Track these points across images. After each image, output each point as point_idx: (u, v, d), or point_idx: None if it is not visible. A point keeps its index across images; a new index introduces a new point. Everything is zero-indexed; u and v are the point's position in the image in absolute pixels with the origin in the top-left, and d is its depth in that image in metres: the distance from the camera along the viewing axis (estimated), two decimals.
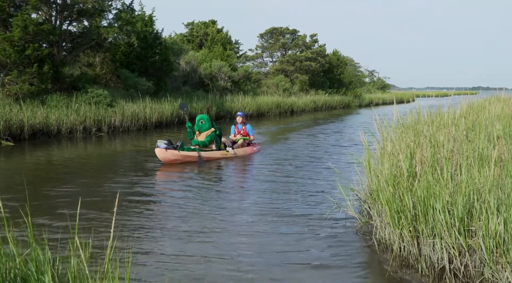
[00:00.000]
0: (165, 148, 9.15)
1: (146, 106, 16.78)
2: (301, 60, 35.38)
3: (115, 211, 2.63)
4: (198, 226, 5.29)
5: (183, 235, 4.97)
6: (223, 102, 22.44)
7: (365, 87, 54.67)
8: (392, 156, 4.91)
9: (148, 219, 5.60)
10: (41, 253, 2.70)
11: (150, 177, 8.17)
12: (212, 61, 25.20)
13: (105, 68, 18.62)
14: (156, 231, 5.13)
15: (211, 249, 4.59)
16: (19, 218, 5.01)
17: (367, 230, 5.04)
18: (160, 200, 6.63)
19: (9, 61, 13.37)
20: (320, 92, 35.58)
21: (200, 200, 6.50)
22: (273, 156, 10.78)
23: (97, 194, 6.81)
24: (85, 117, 14.23)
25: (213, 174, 8.59)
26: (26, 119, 12.56)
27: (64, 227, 4.87)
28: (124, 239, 4.67)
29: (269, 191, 7.06)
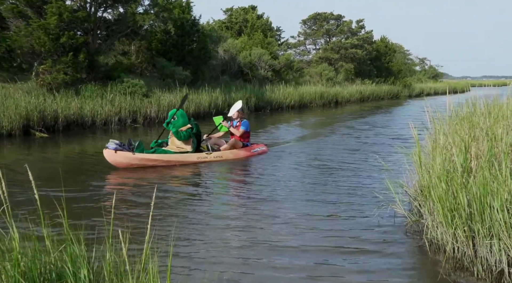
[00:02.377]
0: (114, 149, 7.87)
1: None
2: (346, 47, 34.77)
3: (152, 205, 2.60)
4: (239, 222, 5.24)
5: (223, 231, 4.91)
6: (263, 93, 22.23)
7: (415, 76, 53.63)
8: (444, 150, 4.72)
9: (187, 213, 5.57)
10: (76, 248, 2.72)
11: (188, 170, 8.09)
12: (252, 49, 25.02)
13: (141, 57, 18.70)
14: (196, 226, 5.09)
15: (251, 246, 4.51)
16: (54, 212, 4.97)
17: (417, 229, 4.88)
18: (198, 193, 6.58)
19: (44, 49, 13.55)
20: (366, 82, 34.96)
21: (240, 195, 6.40)
22: (315, 150, 10.54)
23: (133, 187, 6.84)
24: (120, 108, 14.31)
25: (255, 167, 8.37)
26: (60, 110, 12.70)
27: (100, 221, 4.89)
28: (163, 233, 4.64)
29: (310, 187, 6.93)
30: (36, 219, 4.58)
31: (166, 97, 16.06)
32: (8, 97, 12.10)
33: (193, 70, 19.10)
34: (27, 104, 11.99)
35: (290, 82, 26.18)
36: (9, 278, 2.55)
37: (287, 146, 11.00)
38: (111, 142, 8.02)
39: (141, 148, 8.13)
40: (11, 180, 6.57)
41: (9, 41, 13.37)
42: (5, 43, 13.45)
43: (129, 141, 8.24)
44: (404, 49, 60.40)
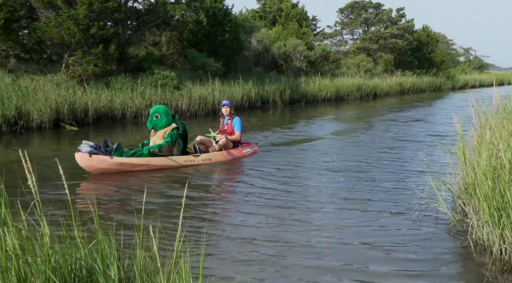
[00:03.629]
0: (88, 153, 7.07)
1: (215, 88, 16.74)
2: (385, 37, 34.18)
3: (183, 201, 2.58)
4: (273, 218, 5.22)
5: (254, 230, 4.88)
6: (298, 85, 22.06)
7: (459, 67, 52.58)
8: (491, 145, 4.60)
9: (218, 211, 5.56)
10: (107, 245, 2.74)
11: (221, 165, 8.08)
12: (286, 40, 24.84)
13: (172, 48, 18.78)
14: (227, 224, 5.10)
15: (286, 244, 4.47)
16: (84, 207, 4.98)
17: (461, 229, 4.81)
18: (228, 191, 6.57)
19: (74, 41, 13.71)
20: (407, 73, 34.36)
21: (273, 192, 6.32)
22: (352, 145, 10.42)
23: (163, 183, 6.87)
24: (151, 101, 14.38)
25: (286, 163, 8.26)
26: (90, 102, 12.86)
27: (130, 217, 4.92)
28: (194, 232, 4.64)
29: (347, 184, 6.85)
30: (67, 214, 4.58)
31: (197, 89, 16.08)
32: (38, 90, 12.30)
33: (225, 61, 19.08)
34: (57, 96, 12.18)
35: (326, 74, 25.90)
36: (40, 274, 2.57)
37: (322, 142, 10.86)
38: (85, 144, 7.23)
39: (120, 151, 7.39)
40: (41, 174, 6.65)
41: (39, 32, 13.60)
42: (35, 34, 13.68)
43: (106, 142, 7.51)
44: (447, 39, 59.43)
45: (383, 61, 33.75)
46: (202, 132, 12.21)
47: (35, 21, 14.26)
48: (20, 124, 11.27)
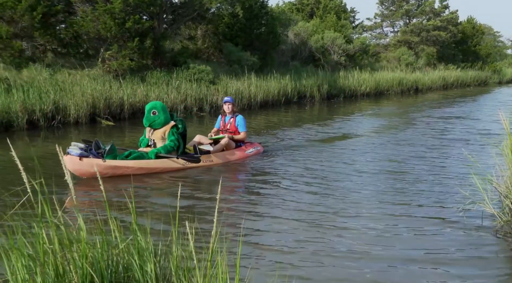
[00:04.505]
0: (79, 156, 6.53)
1: (251, 83, 16.76)
2: (428, 29, 33.48)
3: (218, 198, 2.57)
4: (309, 218, 5.15)
5: (293, 227, 4.86)
6: (335, 79, 21.87)
7: (506, 61, 51.07)
8: None
9: (254, 208, 5.54)
10: (143, 241, 2.78)
11: (255, 161, 8.05)
12: (324, 33, 24.65)
13: (207, 42, 18.86)
14: (264, 221, 5.09)
15: (324, 245, 4.42)
16: (121, 203, 5.06)
17: (509, 230, 4.66)
18: (265, 185, 6.52)
19: (110, 35, 13.94)
20: (450, 67, 33.63)
21: (309, 190, 6.28)
22: (392, 142, 10.25)
23: (197, 179, 6.90)
24: (186, 95, 14.50)
25: (323, 159, 8.20)
26: (126, 97, 13.05)
27: (166, 214, 4.94)
28: (230, 229, 4.64)
29: (387, 183, 6.73)
30: (103, 210, 4.66)
31: (233, 84, 16.13)
32: (75, 84, 12.56)
33: (261, 55, 19.05)
34: (93, 91, 12.41)
35: (365, 68, 25.63)
36: (77, 269, 2.62)
37: (359, 139, 10.72)
38: (74, 146, 6.71)
39: (114, 153, 6.87)
40: None
41: (76, 27, 13.88)
42: (72, 29, 13.98)
43: (97, 143, 6.92)
44: (493, 31, 57.86)
45: (425, 54, 33.10)
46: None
47: (72, 16, 14.56)
48: (58, 119, 11.55)
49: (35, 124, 11.15)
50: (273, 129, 12.00)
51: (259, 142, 9.60)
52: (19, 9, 12.61)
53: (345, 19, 28.74)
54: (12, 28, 12.95)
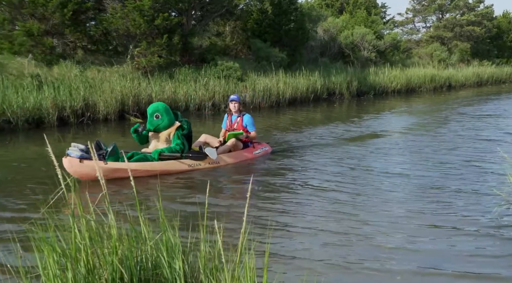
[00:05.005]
0: (79, 158, 6.25)
1: (279, 80, 16.73)
2: (461, 24, 32.88)
3: (249, 196, 2.59)
4: (338, 218, 5.11)
5: (322, 227, 4.83)
6: (365, 76, 21.67)
7: None
8: None
9: (283, 207, 5.52)
10: (172, 238, 2.81)
11: (283, 159, 8.01)
12: (354, 29, 24.46)
13: (236, 38, 18.92)
14: (292, 220, 5.06)
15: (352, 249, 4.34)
16: (150, 199, 5.12)
17: None
18: (292, 186, 6.48)
19: (139, 31, 14.11)
20: (485, 63, 32.92)
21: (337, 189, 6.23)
22: (423, 140, 10.08)
23: (226, 177, 6.92)
24: (214, 92, 14.56)
25: (354, 159, 8.11)
26: (154, 94, 13.19)
27: (194, 211, 4.97)
28: (259, 227, 4.66)
29: (418, 183, 6.58)
30: (133, 206, 4.72)
31: (261, 81, 16.13)
32: (104, 81, 12.76)
33: (290, 52, 19.00)
34: (122, 88, 12.58)
35: (396, 64, 25.34)
36: (107, 265, 2.66)
37: (389, 138, 10.59)
38: (74, 147, 6.39)
39: (116, 155, 6.53)
40: None
41: (106, 24, 14.10)
42: (102, 26, 14.20)
43: (98, 143, 6.61)
44: None
45: (458, 50, 32.52)
46: (266, 124, 12.25)
47: (102, 13, 14.78)
48: (87, 116, 11.76)
49: (65, 121, 11.38)
50: (301, 127, 11.96)
51: (287, 140, 9.60)
52: (50, 6, 12.88)
53: (375, 15, 28.47)
54: (44, 25, 13.23)
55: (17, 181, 6.23)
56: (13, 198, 5.62)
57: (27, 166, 7.28)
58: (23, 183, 6.01)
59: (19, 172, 5.91)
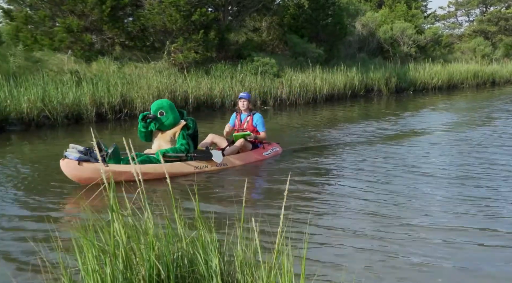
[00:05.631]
0: (77, 160, 5.91)
1: (316, 76, 16.65)
2: (507, 18, 32.10)
3: (285, 195, 2.56)
4: (379, 217, 5.06)
5: (361, 225, 4.80)
6: (405, 72, 21.35)
7: None
8: None
9: (321, 205, 5.49)
10: (208, 236, 2.81)
11: (321, 157, 7.97)
12: (393, 23, 24.15)
13: (272, 34, 18.91)
14: (331, 219, 5.05)
15: (395, 244, 4.33)
16: (186, 197, 5.18)
17: None
18: (329, 183, 6.47)
19: (175, 27, 14.25)
20: None
21: (376, 188, 6.16)
22: (464, 140, 9.84)
23: (262, 174, 6.95)
24: (250, 89, 14.59)
25: (391, 158, 8.00)
26: (190, 90, 13.31)
27: (230, 209, 5.00)
28: (296, 225, 4.64)
29: (456, 186, 6.37)
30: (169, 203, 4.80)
31: (298, 77, 16.09)
32: (141, 77, 12.96)
33: (327, 47, 18.89)
34: (158, 84, 12.75)
35: (437, 60, 24.93)
36: (145, 262, 2.70)
37: (428, 137, 10.35)
38: (72, 148, 6.09)
39: (117, 157, 6.24)
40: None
41: (143, 20, 14.30)
42: (139, 22, 14.41)
43: (99, 144, 6.09)
44: None
45: (503, 44, 31.71)
46: (302, 121, 12.21)
47: (139, 9, 14.99)
48: (124, 112, 11.97)
49: (103, 117, 11.60)
50: (337, 124, 11.89)
51: (323, 138, 9.54)
52: (89, 3, 13.16)
53: (416, 8, 27.97)
54: (83, 21, 13.53)
55: (57, 176, 6.38)
56: (53, 194, 5.78)
57: None
58: (62, 179, 6.15)
59: (58, 167, 6.04)
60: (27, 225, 4.82)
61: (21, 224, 4.86)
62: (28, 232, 4.56)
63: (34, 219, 4.96)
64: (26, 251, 4.06)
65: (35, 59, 12.59)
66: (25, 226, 4.79)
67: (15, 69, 11.52)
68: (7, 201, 5.48)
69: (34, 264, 3.68)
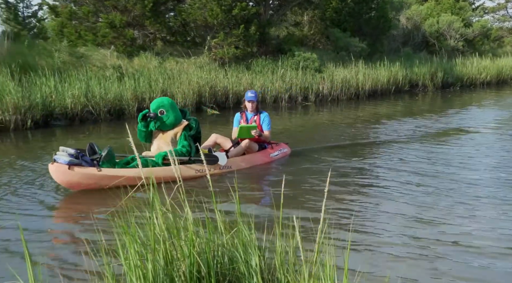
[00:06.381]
0: (67, 164, 5.52)
1: (359, 71, 16.49)
2: None
3: (326, 192, 2.52)
4: (423, 216, 4.98)
5: (405, 226, 4.71)
6: (452, 67, 20.90)
7: None
8: None
9: (362, 203, 5.44)
10: (247, 233, 2.83)
11: (363, 155, 7.90)
12: (439, 16, 23.64)
13: (314, 28, 18.79)
14: (373, 217, 5.00)
15: (440, 243, 4.27)
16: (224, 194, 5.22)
17: None
18: (370, 182, 6.38)
19: (216, 22, 14.34)
20: None
21: (420, 194, 5.96)
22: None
23: (303, 170, 6.86)
24: (291, 84, 14.56)
25: (435, 156, 7.83)
26: (230, 85, 13.38)
27: (269, 206, 5.01)
28: (338, 224, 4.64)
29: (507, 189, 6.13)
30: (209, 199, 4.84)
31: (340, 72, 15.96)
32: (182, 72, 13.10)
33: (370, 41, 18.66)
34: (199, 79, 12.85)
35: (485, 54, 24.34)
36: (185, 258, 2.74)
37: (478, 135, 10.07)
38: (62, 151, 5.70)
39: (112, 160, 5.87)
40: None
41: (184, 15, 14.46)
42: (181, 17, 14.57)
43: (92, 146, 5.91)
44: None
45: None
46: (344, 117, 12.10)
47: (181, 3, 15.16)
48: None
49: None
50: (380, 121, 11.73)
51: (364, 135, 9.43)
52: None
53: (463, 1, 27.28)
54: (125, 17, 13.79)
55: None
56: (95, 190, 5.90)
57: None
58: None
59: None
60: (70, 219, 4.97)
61: (65, 218, 5.01)
62: (72, 226, 4.70)
63: (78, 214, 5.11)
64: (70, 245, 4.19)
65: (79, 55, 12.92)
66: (69, 221, 4.93)
67: (60, 64, 11.84)
68: (51, 196, 5.66)
69: (78, 258, 3.79)
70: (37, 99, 10.01)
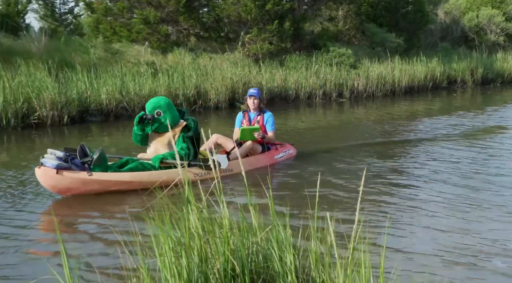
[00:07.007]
0: (55, 168, 5.17)
1: (395, 67, 16.29)
2: None
3: (361, 190, 2.46)
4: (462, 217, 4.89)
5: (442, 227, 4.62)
6: (492, 62, 20.50)
7: None
8: None
9: (398, 203, 5.37)
10: (282, 232, 2.81)
11: (397, 152, 7.81)
12: (479, 10, 23.18)
13: (349, 23, 18.64)
14: (410, 217, 4.93)
15: (480, 247, 4.16)
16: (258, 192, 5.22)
17: None
18: (409, 181, 6.27)
19: (250, 18, 14.36)
20: None
21: (457, 195, 5.79)
22: None
23: (337, 169, 6.80)
24: (325, 80, 14.48)
25: (472, 155, 7.66)
26: (264, 81, 13.37)
27: (305, 204, 4.92)
28: (373, 224, 4.59)
29: None
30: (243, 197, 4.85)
31: (375, 68, 15.81)
32: (215, 68, 13.17)
33: (407, 36, 18.44)
34: (233, 75, 12.90)
35: None
36: (219, 255, 2.74)
37: None
38: (50, 154, 5.33)
39: (104, 164, 5.54)
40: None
41: (218, 10, 14.53)
42: (214, 12, 14.66)
43: (83, 148, 5.55)
44: None
45: None
46: (379, 114, 11.98)
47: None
48: (199, 103, 12.20)
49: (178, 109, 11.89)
50: (416, 118, 11.58)
51: (400, 132, 9.30)
52: None
53: None
54: (159, 13, 13.93)
55: None
56: None
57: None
58: None
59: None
60: (106, 216, 5.05)
61: (101, 215, 5.10)
62: (107, 223, 4.78)
63: (113, 212, 5.19)
64: (105, 242, 4.27)
65: (114, 51, 13.13)
66: (105, 218, 5.02)
67: (95, 60, 12.05)
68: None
69: (114, 254, 3.86)
70: (73, 95, 10.18)
